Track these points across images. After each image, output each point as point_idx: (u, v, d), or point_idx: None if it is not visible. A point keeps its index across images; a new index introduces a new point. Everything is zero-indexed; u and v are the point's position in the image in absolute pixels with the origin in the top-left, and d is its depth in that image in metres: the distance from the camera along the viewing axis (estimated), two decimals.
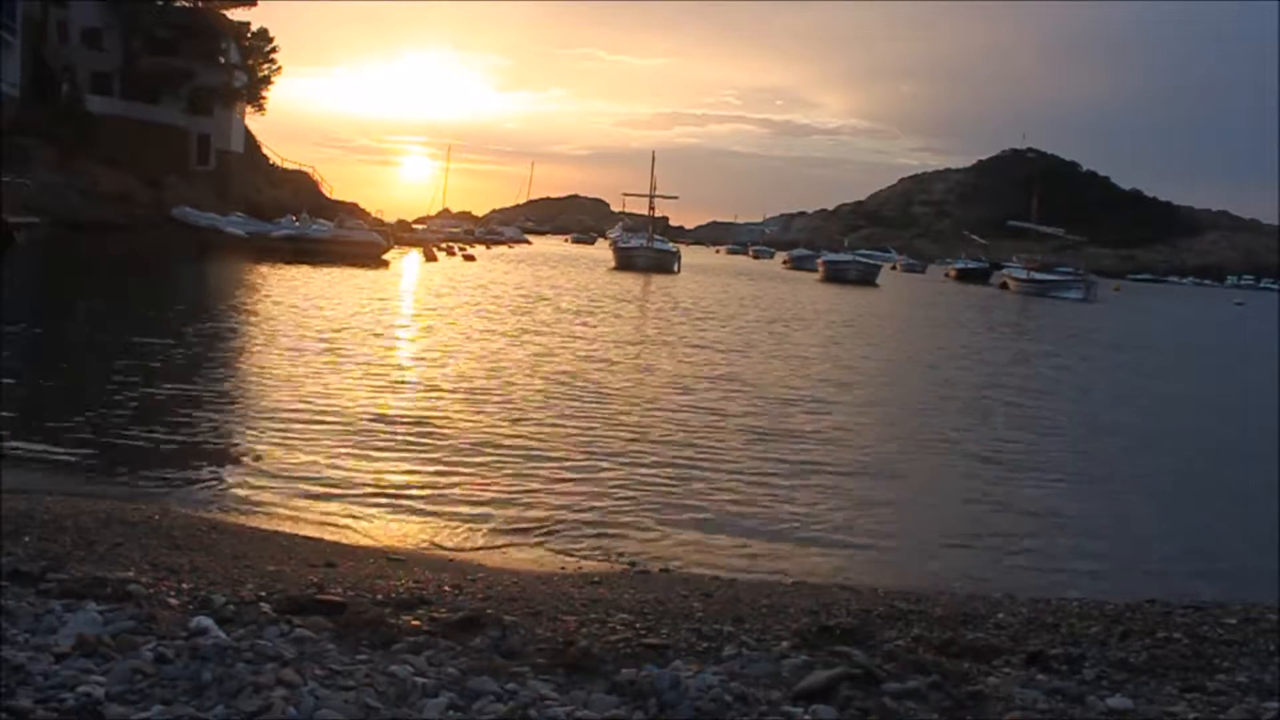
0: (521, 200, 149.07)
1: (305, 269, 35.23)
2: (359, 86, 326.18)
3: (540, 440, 10.73)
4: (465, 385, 13.95)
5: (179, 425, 10.33)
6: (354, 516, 7.70)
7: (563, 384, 14.65)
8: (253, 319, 20.72)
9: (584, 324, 24.33)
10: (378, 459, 9.46)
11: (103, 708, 2.54)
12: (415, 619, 3.82)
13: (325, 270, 35.41)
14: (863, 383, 17.58)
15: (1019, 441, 12.92)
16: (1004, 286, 67.51)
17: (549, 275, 46.56)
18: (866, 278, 62.78)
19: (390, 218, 67.17)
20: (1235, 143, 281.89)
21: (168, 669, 2.81)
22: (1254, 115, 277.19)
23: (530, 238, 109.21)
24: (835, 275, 62.79)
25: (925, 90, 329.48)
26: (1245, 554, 8.26)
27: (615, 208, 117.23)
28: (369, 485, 8.56)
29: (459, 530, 7.55)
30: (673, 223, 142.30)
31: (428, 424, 11.17)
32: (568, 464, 9.77)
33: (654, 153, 66.01)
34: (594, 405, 13.06)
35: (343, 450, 9.69)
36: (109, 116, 49.11)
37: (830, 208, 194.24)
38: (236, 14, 57.82)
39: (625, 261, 56.77)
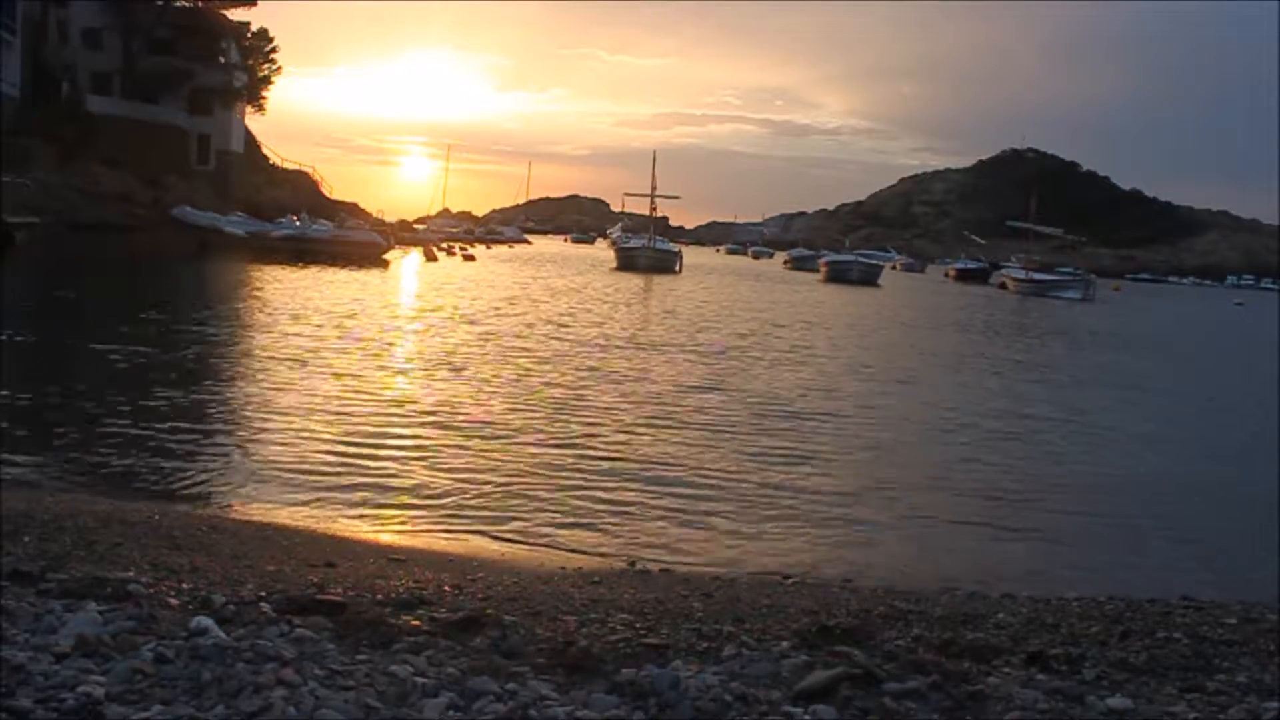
0: (522, 200, 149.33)
1: (306, 269, 35.23)
2: (359, 86, 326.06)
3: (541, 441, 10.73)
4: (467, 386, 13.96)
5: (179, 426, 10.33)
6: (354, 516, 7.70)
7: (565, 386, 14.65)
8: (254, 320, 20.72)
9: (588, 324, 24.33)
10: (378, 459, 9.46)
11: (103, 708, 2.54)
12: (415, 619, 3.82)
13: (326, 271, 35.42)
14: (866, 384, 17.58)
15: (1018, 443, 12.92)
16: (1003, 286, 67.54)
17: (550, 275, 46.55)
18: (869, 278, 62.77)
19: (390, 218, 67.18)
20: (1235, 143, 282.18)
21: (168, 669, 2.81)
22: (1254, 115, 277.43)
23: (530, 238, 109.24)
24: (838, 275, 62.78)
25: (925, 90, 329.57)
26: (1245, 554, 8.26)
27: (615, 208, 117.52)
28: (369, 485, 8.56)
29: (459, 530, 7.55)
30: (672, 222, 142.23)
31: (429, 425, 11.18)
32: (569, 465, 9.78)
33: (655, 153, 65.89)
34: (597, 407, 13.06)
35: (343, 450, 9.69)
36: (109, 116, 49.13)
37: (830, 208, 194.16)
38: (236, 14, 57.86)
39: (627, 262, 56.76)
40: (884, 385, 17.53)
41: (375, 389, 13.17)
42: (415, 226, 72.45)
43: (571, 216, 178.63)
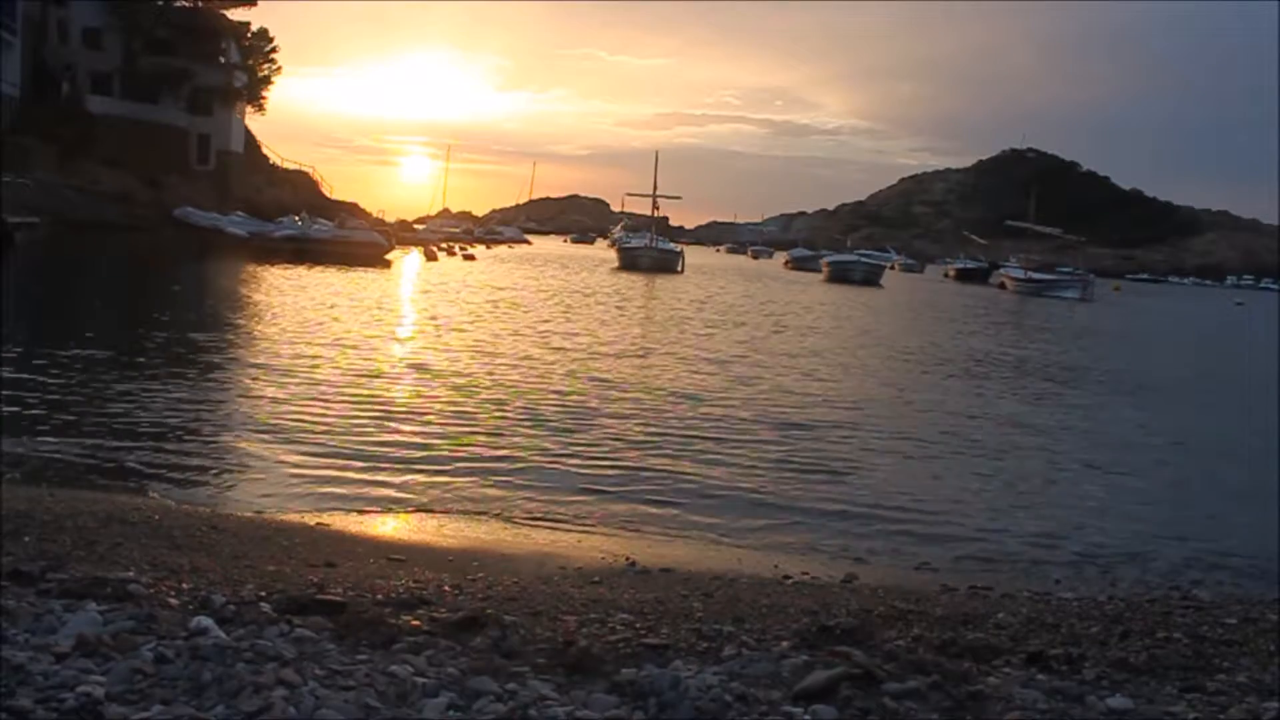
0: (522, 200, 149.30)
1: (307, 269, 35.22)
2: (359, 86, 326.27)
3: (542, 441, 10.73)
4: (468, 386, 13.95)
5: (179, 425, 10.32)
6: (354, 516, 7.70)
7: (568, 386, 14.64)
8: (254, 320, 20.72)
9: (593, 325, 24.33)
10: (378, 459, 9.46)
11: (103, 708, 2.54)
12: (415, 619, 3.82)
13: (327, 271, 35.41)
14: (872, 388, 17.58)
15: (1018, 443, 12.91)
16: (1002, 286, 67.54)
17: (552, 276, 46.51)
18: (871, 278, 62.75)
19: (391, 218, 67.22)
20: (1235, 143, 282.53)
21: (168, 669, 2.81)
22: (1254, 115, 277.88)
23: (530, 238, 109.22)
24: (840, 276, 62.74)
25: (925, 90, 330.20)
26: (1245, 554, 8.26)
27: (615, 208, 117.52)
28: (369, 485, 8.56)
29: (460, 530, 7.55)
30: (673, 222, 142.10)
31: (429, 425, 11.18)
32: (569, 464, 9.77)
33: (658, 153, 65.97)
34: (599, 407, 13.06)
35: (343, 450, 9.69)
36: (109, 116, 49.21)
37: (830, 208, 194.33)
38: (236, 14, 58.01)
39: (629, 262, 56.72)
40: (890, 389, 17.53)
41: (376, 389, 13.16)
42: (415, 226, 72.42)
43: (571, 216, 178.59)
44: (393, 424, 11.06)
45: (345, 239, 42.81)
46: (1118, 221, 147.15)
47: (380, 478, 8.83)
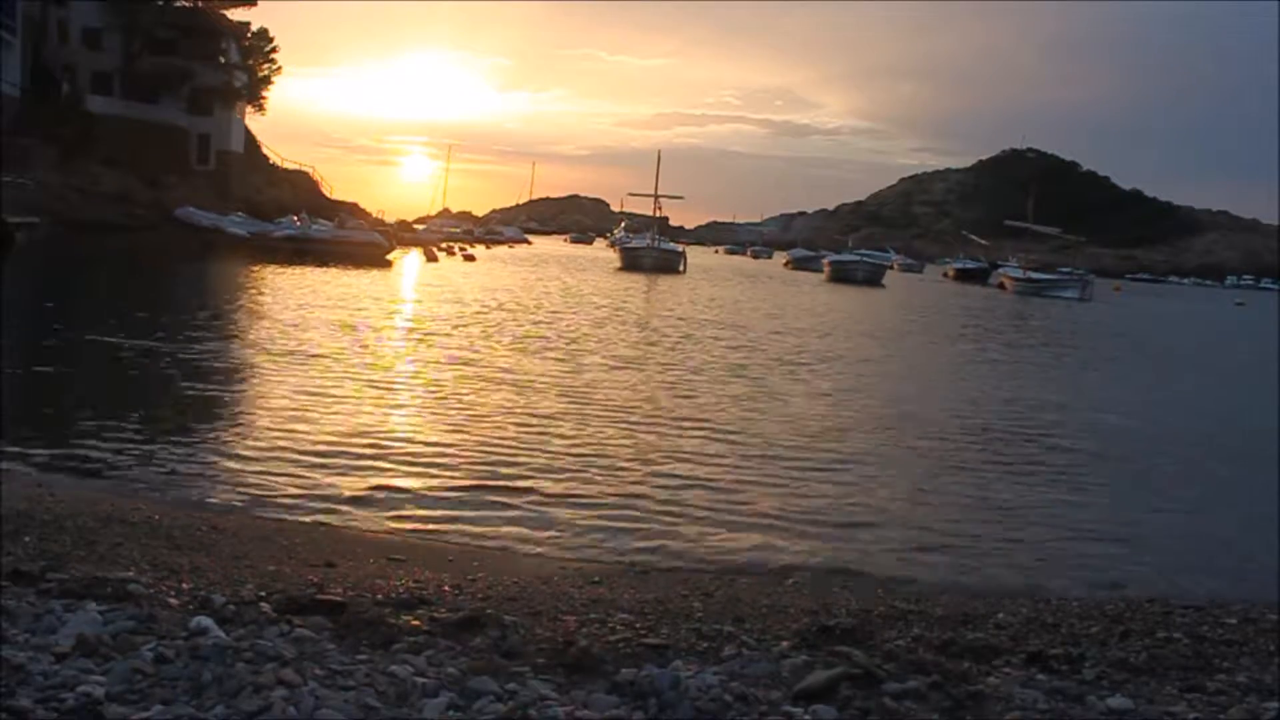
0: (522, 200, 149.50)
1: (308, 269, 35.20)
2: (359, 86, 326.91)
3: (542, 442, 10.73)
4: (468, 387, 13.95)
5: (180, 426, 10.33)
6: (354, 516, 7.70)
7: (569, 387, 14.64)
8: (253, 321, 20.72)
9: (595, 326, 24.33)
10: (379, 459, 9.45)
11: (103, 708, 2.54)
12: (415, 619, 3.82)
13: (328, 271, 35.39)
14: (868, 383, 17.59)
15: (1019, 444, 12.91)
16: (1001, 286, 67.50)
17: (555, 276, 46.46)
18: (873, 278, 62.67)
19: (390, 218, 67.14)
20: (1235, 143, 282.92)
21: (168, 669, 2.81)
22: (1254, 115, 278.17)
23: (531, 238, 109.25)
24: (842, 276, 62.65)
25: (925, 90, 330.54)
26: (1245, 554, 8.25)
27: (615, 207, 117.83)
28: (370, 485, 8.56)
29: (460, 530, 7.55)
30: (673, 222, 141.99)
31: (429, 425, 11.18)
32: (569, 465, 9.77)
33: (660, 152, 66.17)
34: (598, 408, 13.06)
35: (343, 451, 9.68)
36: (109, 116, 49.16)
37: (830, 208, 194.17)
38: (236, 14, 57.95)
39: (631, 262, 56.70)
40: (895, 390, 17.53)
41: (376, 390, 13.16)
42: (415, 226, 72.38)
43: (571, 217, 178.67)
44: (394, 426, 11.06)
45: (345, 239, 42.77)
46: (1118, 221, 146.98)
47: (381, 479, 8.82)
